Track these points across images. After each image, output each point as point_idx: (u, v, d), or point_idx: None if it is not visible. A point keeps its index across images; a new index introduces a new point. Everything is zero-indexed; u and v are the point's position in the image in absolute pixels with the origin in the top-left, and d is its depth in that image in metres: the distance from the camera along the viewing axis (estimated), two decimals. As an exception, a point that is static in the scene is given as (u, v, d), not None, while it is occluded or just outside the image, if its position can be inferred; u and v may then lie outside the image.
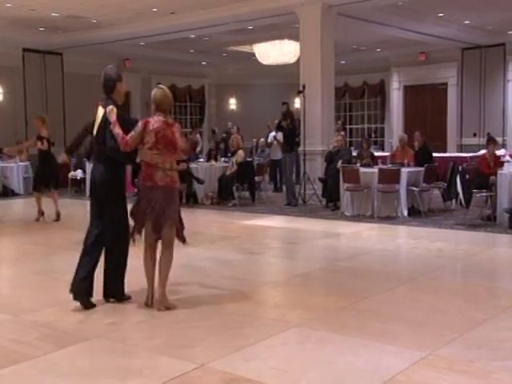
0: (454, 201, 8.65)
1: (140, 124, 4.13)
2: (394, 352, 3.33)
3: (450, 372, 3.05)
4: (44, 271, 5.49)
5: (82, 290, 4.15)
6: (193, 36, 13.33)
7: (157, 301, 4.15)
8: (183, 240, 4.29)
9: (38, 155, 8.52)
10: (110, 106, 4.11)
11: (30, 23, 12.22)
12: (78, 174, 12.47)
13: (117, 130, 4.04)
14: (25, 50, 13.79)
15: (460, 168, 7.97)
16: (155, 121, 4.12)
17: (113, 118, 4.07)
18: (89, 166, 12.04)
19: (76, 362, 3.26)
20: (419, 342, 3.47)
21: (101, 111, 4.20)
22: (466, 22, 12.47)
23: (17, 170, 12.33)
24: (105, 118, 4.14)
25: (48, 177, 8.46)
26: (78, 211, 9.90)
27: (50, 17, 11.72)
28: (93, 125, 4.27)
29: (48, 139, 8.34)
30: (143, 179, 4.18)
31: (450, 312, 4.11)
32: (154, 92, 4.21)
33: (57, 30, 12.95)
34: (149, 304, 4.19)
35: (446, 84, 15.56)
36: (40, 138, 8.31)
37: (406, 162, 9.11)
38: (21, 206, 11.12)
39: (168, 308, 4.12)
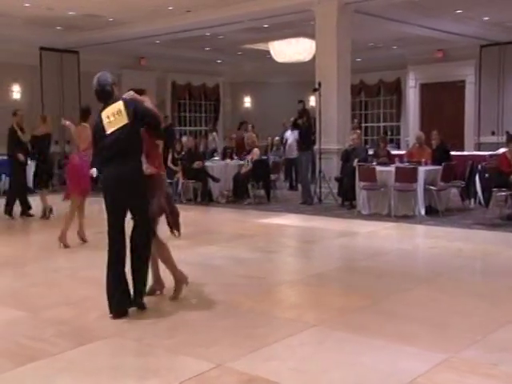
0: (472, 200, 8.51)
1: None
2: (414, 354, 3.26)
3: (472, 375, 2.98)
4: (59, 269, 5.51)
5: (125, 303, 4.01)
6: (208, 34, 13.30)
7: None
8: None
9: None
10: (130, 92, 4.16)
11: (47, 22, 12.30)
12: (94, 172, 12.51)
13: (150, 105, 4.11)
14: (42, 48, 13.89)
15: (479, 167, 7.85)
16: None
17: (139, 96, 4.13)
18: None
19: (93, 361, 3.25)
20: (440, 344, 3.40)
21: (113, 108, 4.00)
22: (485, 18, 12.27)
23: (34, 168, 12.39)
24: (128, 106, 3.99)
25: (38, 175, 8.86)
26: (92, 209, 9.92)
27: (67, 15, 11.78)
28: (100, 129, 4.02)
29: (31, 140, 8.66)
30: (159, 168, 4.25)
31: (471, 313, 4.03)
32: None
33: (73, 28, 13.02)
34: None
35: (463, 82, 15.34)
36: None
37: (423, 160, 9.00)
38: (37, 203, 11.19)
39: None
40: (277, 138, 14.13)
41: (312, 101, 14.37)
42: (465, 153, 12.74)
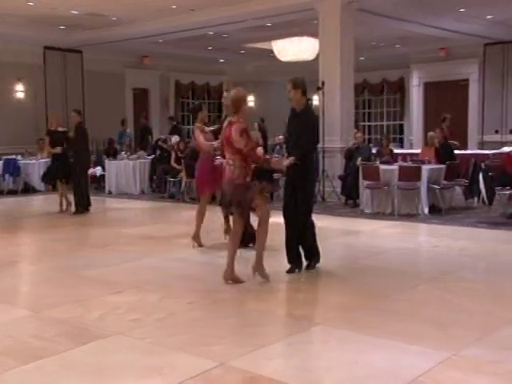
0: (476, 198, 8.50)
1: None
2: (417, 352, 3.26)
3: (476, 373, 2.98)
4: (64, 268, 5.51)
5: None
6: (211, 33, 13.31)
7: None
8: None
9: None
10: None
11: (50, 21, 12.32)
12: (97, 170, 12.55)
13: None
14: (46, 47, 13.93)
15: (483, 165, 7.83)
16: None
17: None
18: (108, 163, 12.15)
19: (96, 359, 3.26)
20: (443, 342, 3.39)
21: None
22: (489, 16, 12.24)
23: (38, 167, 12.46)
24: None
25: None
26: (98, 208, 9.95)
27: (71, 14, 11.79)
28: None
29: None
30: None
31: (475, 311, 4.03)
32: None
33: (77, 27, 13.04)
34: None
35: (467, 80, 15.31)
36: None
37: (426, 159, 8.99)
38: (41, 203, 11.23)
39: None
40: (280, 136, 14.09)
41: (315, 100, 14.35)
42: (468, 151, 12.71)
